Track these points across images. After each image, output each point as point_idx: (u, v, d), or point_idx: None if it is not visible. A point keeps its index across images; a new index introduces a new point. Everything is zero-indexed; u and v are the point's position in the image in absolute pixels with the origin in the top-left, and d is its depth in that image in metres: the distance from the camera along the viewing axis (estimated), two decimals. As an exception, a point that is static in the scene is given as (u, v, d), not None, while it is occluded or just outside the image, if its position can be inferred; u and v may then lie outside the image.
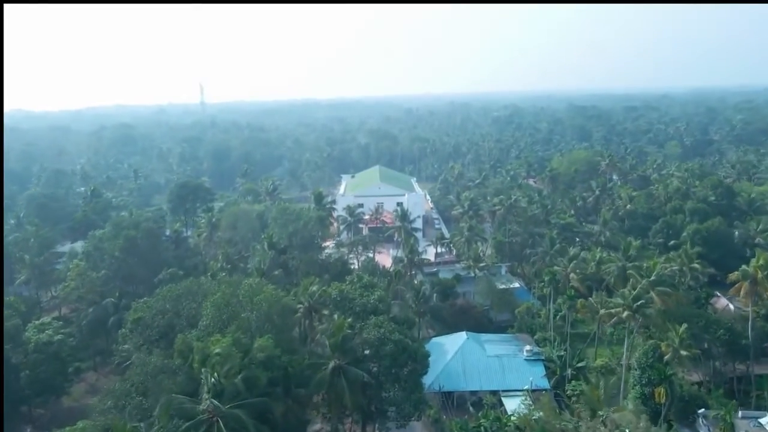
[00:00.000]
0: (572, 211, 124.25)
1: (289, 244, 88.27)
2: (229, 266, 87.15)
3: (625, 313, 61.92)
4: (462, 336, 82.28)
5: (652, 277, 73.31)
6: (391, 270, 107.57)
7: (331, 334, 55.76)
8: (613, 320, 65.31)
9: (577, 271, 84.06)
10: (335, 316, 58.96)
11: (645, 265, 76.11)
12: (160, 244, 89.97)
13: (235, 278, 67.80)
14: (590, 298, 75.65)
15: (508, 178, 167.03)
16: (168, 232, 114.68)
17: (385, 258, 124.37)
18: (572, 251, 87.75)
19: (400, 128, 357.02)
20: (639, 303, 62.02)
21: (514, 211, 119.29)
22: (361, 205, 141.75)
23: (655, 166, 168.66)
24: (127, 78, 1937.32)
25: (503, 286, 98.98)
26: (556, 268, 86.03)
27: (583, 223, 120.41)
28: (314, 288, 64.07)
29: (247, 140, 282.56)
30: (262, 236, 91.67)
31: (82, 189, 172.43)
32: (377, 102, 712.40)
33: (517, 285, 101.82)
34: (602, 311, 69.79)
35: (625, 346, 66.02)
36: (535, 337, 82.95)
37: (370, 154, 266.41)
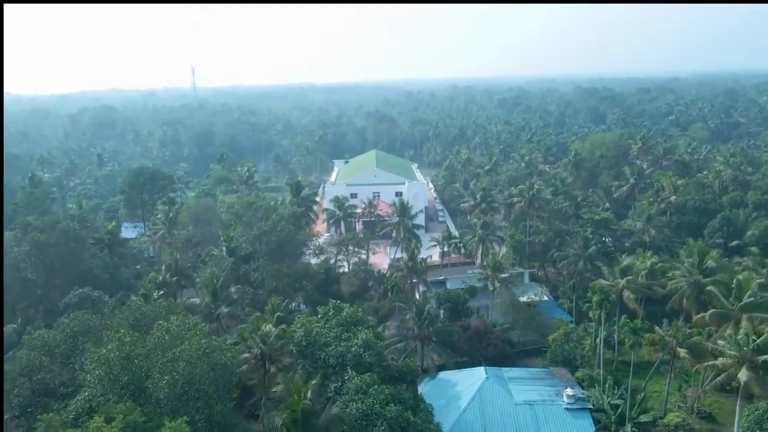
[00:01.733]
0: (607, 204, 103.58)
1: (254, 250, 67.78)
2: (174, 279, 66.78)
3: (744, 373, 40.89)
4: (480, 373, 62.04)
5: (745, 300, 53.04)
6: (387, 274, 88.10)
7: (287, 407, 35.58)
8: (720, 378, 44.59)
9: (633, 286, 63.60)
10: (298, 373, 38.60)
11: (735, 281, 55.64)
12: (84, 250, 69.39)
13: (156, 306, 47.25)
14: (658, 328, 55.07)
15: (523, 164, 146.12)
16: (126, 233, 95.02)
17: (381, 258, 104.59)
18: (625, 260, 66.97)
19: (399, 111, 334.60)
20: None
21: (536, 204, 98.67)
22: (354, 196, 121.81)
23: (689, 150, 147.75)
24: (123, 62, 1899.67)
25: (528, 299, 78.81)
26: (602, 281, 65.56)
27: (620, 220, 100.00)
28: (268, 327, 43.47)
29: (234, 123, 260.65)
30: (221, 238, 71.39)
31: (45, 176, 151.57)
32: (377, 86, 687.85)
33: (545, 297, 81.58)
34: (682, 352, 49.39)
35: (737, 419, 45.14)
36: (577, 374, 62.74)
37: (367, 138, 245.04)
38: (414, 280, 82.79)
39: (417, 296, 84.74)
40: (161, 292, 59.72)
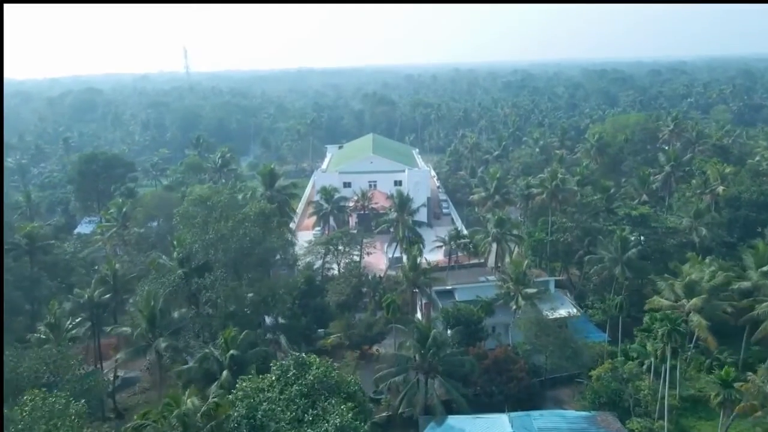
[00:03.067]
0: (645, 197, 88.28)
1: (209, 260, 52.62)
2: (108, 296, 51.68)
3: None
4: (503, 424, 47.37)
5: None
6: (383, 279, 73.49)
7: None
8: None
9: (702, 305, 48.51)
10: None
11: None
12: (-11, 260, 54.27)
13: (43, 355, 32.12)
14: (753, 375, 40.02)
15: (537, 149, 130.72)
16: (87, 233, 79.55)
17: (378, 258, 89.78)
18: (689, 273, 51.67)
19: (399, 94, 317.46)
20: None
21: (559, 196, 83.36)
22: (347, 185, 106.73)
23: (723, 131, 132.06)
24: (119, 47, 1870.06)
25: (556, 315, 63.68)
26: (661, 301, 50.47)
27: (659, 213, 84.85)
28: (192, 403, 28.32)
29: (222, 106, 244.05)
30: (174, 243, 56.18)
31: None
32: (377, 70, 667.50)
33: (577, 313, 66.48)
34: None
35: None
36: (630, 424, 47.91)
37: (364, 121, 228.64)
38: (415, 289, 67.99)
39: (419, 311, 69.98)
40: (78, 319, 44.68)
